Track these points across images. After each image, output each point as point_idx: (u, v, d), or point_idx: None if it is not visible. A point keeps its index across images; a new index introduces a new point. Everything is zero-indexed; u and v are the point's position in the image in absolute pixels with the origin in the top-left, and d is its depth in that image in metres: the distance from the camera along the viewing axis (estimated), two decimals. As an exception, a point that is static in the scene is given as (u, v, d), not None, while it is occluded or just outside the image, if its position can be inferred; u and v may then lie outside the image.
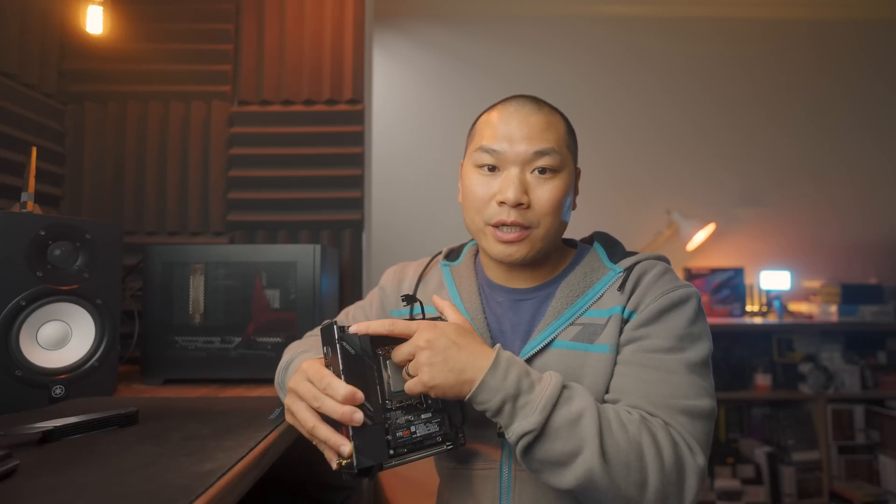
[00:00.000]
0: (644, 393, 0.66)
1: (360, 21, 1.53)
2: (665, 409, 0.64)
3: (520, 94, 0.78)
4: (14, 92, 1.26)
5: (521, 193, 0.71)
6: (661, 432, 0.62)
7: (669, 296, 0.70)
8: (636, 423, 0.61)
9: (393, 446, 0.60)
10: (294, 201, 1.50)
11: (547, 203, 0.72)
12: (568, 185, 0.74)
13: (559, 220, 0.74)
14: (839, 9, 2.79)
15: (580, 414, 0.60)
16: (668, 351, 0.68)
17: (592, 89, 2.76)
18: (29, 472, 0.59)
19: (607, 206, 2.68)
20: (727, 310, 2.59)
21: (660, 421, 0.63)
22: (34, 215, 0.91)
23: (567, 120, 0.78)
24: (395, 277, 0.90)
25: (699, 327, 0.70)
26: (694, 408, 0.65)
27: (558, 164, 0.72)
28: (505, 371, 0.61)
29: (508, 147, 0.72)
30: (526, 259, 0.74)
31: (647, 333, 0.69)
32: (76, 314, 0.94)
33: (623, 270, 0.75)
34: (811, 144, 2.77)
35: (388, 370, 0.64)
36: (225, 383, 1.12)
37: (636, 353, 0.69)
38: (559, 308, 0.74)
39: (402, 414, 0.63)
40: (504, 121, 0.74)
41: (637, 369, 0.68)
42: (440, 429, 0.64)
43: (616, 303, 0.72)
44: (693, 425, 0.64)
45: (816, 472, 2.37)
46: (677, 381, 0.66)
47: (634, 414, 0.63)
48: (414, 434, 0.62)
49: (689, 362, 0.67)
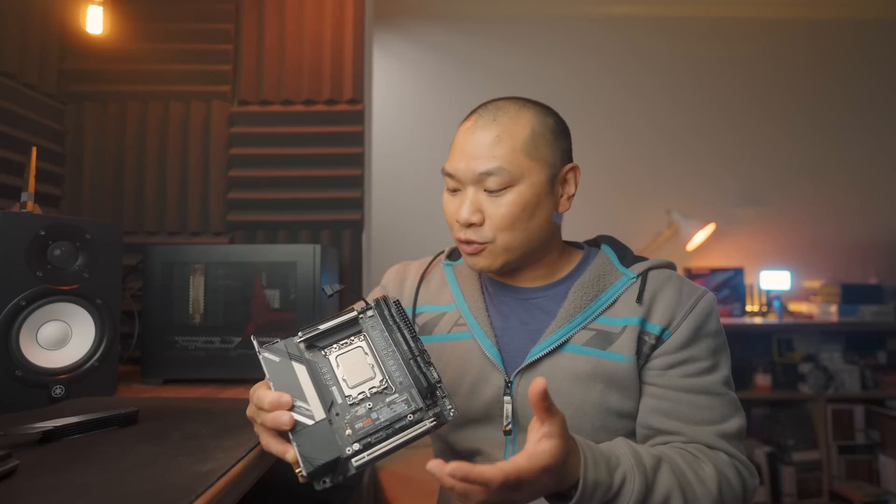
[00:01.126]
0: (697, 420, 0.69)
1: (360, 21, 1.53)
2: (723, 439, 0.69)
3: (488, 101, 0.76)
4: (14, 92, 1.26)
5: (471, 213, 0.72)
6: (731, 472, 0.66)
7: (698, 310, 0.72)
8: (714, 479, 0.64)
9: (354, 440, 0.55)
10: (294, 201, 1.50)
11: (500, 219, 0.71)
12: (526, 196, 0.71)
13: (520, 232, 0.72)
14: (839, 9, 2.79)
15: (666, 498, 0.61)
16: (710, 371, 0.72)
17: (592, 89, 2.76)
18: (29, 472, 0.58)
19: (607, 206, 2.68)
20: (727, 310, 2.59)
21: (724, 458, 0.68)
22: (34, 215, 0.91)
23: (541, 117, 0.74)
24: (397, 277, 0.90)
25: (723, 335, 0.75)
26: (739, 427, 0.70)
27: (507, 180, 0.71)
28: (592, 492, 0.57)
29: (462, 167, 0.73)
30: (492, 269, 0.75)
31: (690, 356, 0.71)
32: (76, 314, 0.94)
33: (636, 276, 0.75)
34: (811, 144, 2.77)
35: (342, 367, 0.61)
36: (225, 383, 1.12)
37: (683, 379, 0.71)
38: (572, 310, 0.74)
39: (365, 405, 0.58)
40: (461, 140, 0.74)
41: (687, 395, 0.70)
42: (408, 407, 0.58)
43: (632, 313, 0.72)
44: (741, 445, 0.71)
45: (816, 472, 2.37)
46: (721, 402, 0.70)
47: (707, 465, 0.65)
48: (377, 420, 0.57)
49: (725, 378, 0.72)
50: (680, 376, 0.71)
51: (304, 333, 0.62)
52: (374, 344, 0.63)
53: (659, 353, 0.71)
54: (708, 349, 0.72)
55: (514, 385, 0.73)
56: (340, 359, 0.62)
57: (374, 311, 0.66)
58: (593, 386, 0.70)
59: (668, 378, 0.71)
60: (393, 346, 0.63)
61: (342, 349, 0.63)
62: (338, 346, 0.63)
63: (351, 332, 0.64)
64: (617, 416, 0.71)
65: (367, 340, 0.64)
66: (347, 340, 0.64)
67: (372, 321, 0.65)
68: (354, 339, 0.64)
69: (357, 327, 0.65)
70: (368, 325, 0.65)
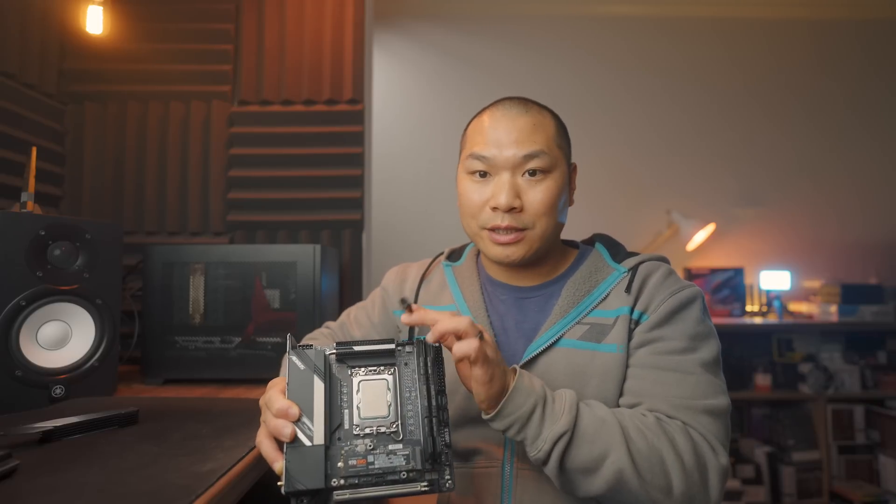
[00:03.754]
0: (663, 395, 0.67)
1: (360, 21, 1.53)
2: (685, 411, 0.65)
3: (508, 97, 0.77)
4: (14, 92, 1.26)
5: (513, 198, 0.71)
6: (680, 435, 0.63)
7: (677, 296, 0.71)
8: (653, 428, 0.62)
9: (343, 475, 0.53)
10: (294, 201, 1.50)
11: (540, 205, 0.72)
12: (560, 184, 0.74)
13: (554, 219, 0.74)
14: (839, 9, 2.79)
15: (603, 418, 0.62)
16: (683, 351, 0.69)
17: (592, 89, 2.76)
18: (29, 472, 0.58)
19: (607, 206, 2.68)
20: (727, 310, 2.59)
21: (678, 423, 0.64)
22: (34, 215, 0.91)
23: (557, 118, 0.77)
24: (397, 278, 0.90)
25: (708, 325, 0.72)
26: (713, 407, 0.66)
27: (548, 165, 0.72)
28: (530, 379, 0.62)
29: (498, 152, 0.72)
30: (524, 259, 0.74)
31: (660, 335, 0.70)
32: (76, 314, 0.94)
33: (627, 270, 0.76)
34: (811, 144, 2.77)
35: (362, 393, 0.59)
36: (225, 383, 1.12)
37: (651, 356, 0.69)
38: (565, 307, 0.74)
39: (367, 442, 0.56)
40: (493, 126, 0.74)
41: (654, 372, 0.68)
42: (405, 463, 0.55)
43: (623, 303, 0.73)
44: (714, 424, 0.66)
45: (816, 472, 2.37)
46: (694, 381, 0.67)
47: (650, 417, 0.64)
48: (371, 465, 0.55)
49: (703, 361, 0.69)
50: (649, 353, 0.70)
51: (339, 349, 0.61)
52: (401, 383, 0.61)
53: (635, 333, 0.71)
54: (683, 332, 0.70)
55: (513, 384, 0.73)
56: (363, 384, 0.60)
57: (413, 350, 0.63)
58: (590, 380, 0.71)
59: (637, 356, 0.70)
60: (416, 394, 0.60)
61: (368, 375, 0.61)
62: (365, 371, 0.61)
63: (383, 361, 0.62)
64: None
65: (395, 377, 0.61)
66: (376, 368, 0.61)
67: (407, 358, 0.62)
68: (384, 371, 0.61)
69: (391, 359, 0.62)
70: (402, 361, 0.62)
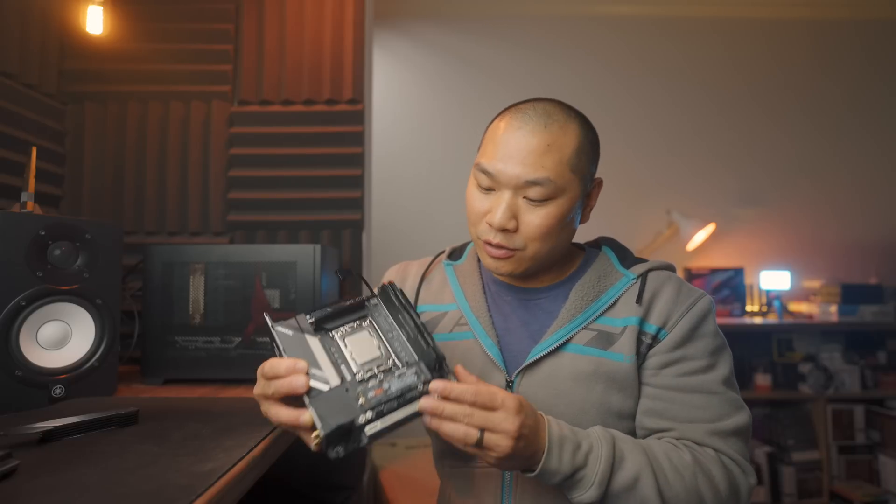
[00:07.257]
0: (691, 419, 0.69)
1: (360, 21, 1.53)
2: (715, 437, 0.67)
3: (534, 102, 0.73)
4: (14, 92, 1.26)
5: (507, 219, 0.69)
6: (715, 467, 0.65)
7: (694, 311, 0.72)
8: (690, 468, 0.64)
9: (369, 407, 0.56)
10: (294, 201, 1.50)
11: (535, 229, 0.70)
12: (564, 209, 0.70)
13: (550, 243, 0.72)
14: (839, 9, 2.79)
15: (636, 477, 0.62)
16: (706, 370, 0.70)
17: (592, 89, 2.76)
18: (29, 472, 0.58)
19: (607, 206, 2.65)
20: (727, 310, 2.59)
21: (710, 452, 0.66)
22: (34, 215, 0.91)
23: (584, 130, 0.73)
24: (397, 276, 0.90)
25: (721, 336, 0.74)
26: (739, 426, 0.68)
27: (552, 192, 0.69)
28: (559, 453, 0.60)
29: (503, 168, 0.69)
30: (514, 274, 0.74)
31: (683, 356, 0.71)
32: (76, 314, 0.94)
33: (636, 277, 0.75)
34: (811, 144, 2.77)
35: (350, 347, 0.63)
36: (225, 383, 1.12)
37: (676, 378, 0.70)
38: (573, 311, 0.74)
39: (375, 382, 0.59)
40: (505, 138, 0.70)
41: (680, 395, 0.70)
42: (417, 378, 0.59)
43: (632, 313, 0.73)
44: (741, 444, 0.68)
45: (816, 472, 2.37)
46: (718, 401, 0.69)
47: (685, 453, 0.65)
48: (388, 390, 0.58)
49: (724, 378, 0.71)
50: (674, 375, 0.71)
51: (315, 314, 0.65)
52: (380, 327, 0.66)
53: (654, 352, 0.72)
54: (704, 349, 0.71)
55: (515, 385, 0.73)
56: (348, 340, 0.64)
57: (379, 300, 0.68)
58: (594, 386, 0.70)
59: (662, 377, 0.71)
60: (398, 329, 0.65)
61: (349, 331, 0.65)
62: (344, 329, 0.65)
63: (357, 315, 0.67)
64: (618, 416, 0.71)
65: (373, 324, 0.66)
66: (354, 324, 0.66)
67: (377, 307, 0.68)
68: (361, 323, 0.66)
69: (363, 312, 0.67)
70: (374, 310, 0.68)
